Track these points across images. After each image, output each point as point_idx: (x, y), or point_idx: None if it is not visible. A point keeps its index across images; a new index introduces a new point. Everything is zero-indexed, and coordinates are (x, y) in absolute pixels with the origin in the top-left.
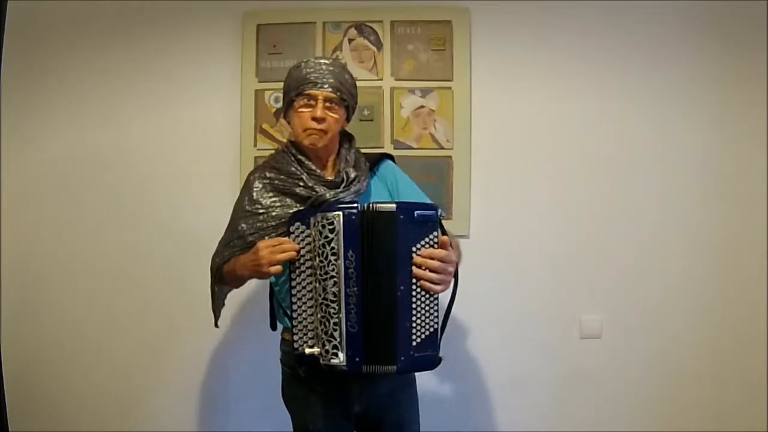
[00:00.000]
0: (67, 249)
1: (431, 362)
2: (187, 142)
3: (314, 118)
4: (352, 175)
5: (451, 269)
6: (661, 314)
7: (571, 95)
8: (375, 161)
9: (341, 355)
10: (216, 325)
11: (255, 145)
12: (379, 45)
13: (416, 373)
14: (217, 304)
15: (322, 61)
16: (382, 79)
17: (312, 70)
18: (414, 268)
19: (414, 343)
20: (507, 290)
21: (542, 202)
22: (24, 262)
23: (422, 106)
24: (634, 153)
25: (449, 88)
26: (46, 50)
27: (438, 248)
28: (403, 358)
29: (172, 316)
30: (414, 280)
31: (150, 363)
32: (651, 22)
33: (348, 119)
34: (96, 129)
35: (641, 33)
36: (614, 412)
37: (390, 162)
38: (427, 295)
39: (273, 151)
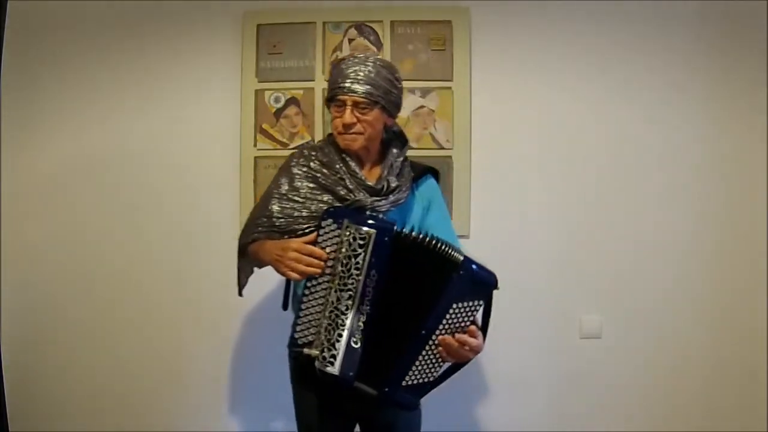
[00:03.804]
0: (66, 249)
1: (409, 405)
2: (187, 142)
3: (343, 124)
4: (393, 184)
5: (471, 356)
6: (661, 314)
7: (571, 95)
8: (420, 174)
9: (337, 365)
10: (240, 294)
11: (255, 145)
12: (379, 45)
13: None
14: (240, 278)
15: (354, 61)
16: None
17: (341, 73)
18: (441, 329)
19: (404, 383)
20: (507, 290)
21: (542, 201)
22: (24, 262)
23: (422, 106)
24: (634, 153)
25: (449, 88)
26: (46, 50)
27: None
28: (387, 390)
29: (171, 315)
30: (436, 334)
31: (150, 363)
32: (651, 22)
33: (392, 116)
34: (96, 129)
35: (641, 33)
36: (614, 412)
37: (433, 181)
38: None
39: (314, 141)
